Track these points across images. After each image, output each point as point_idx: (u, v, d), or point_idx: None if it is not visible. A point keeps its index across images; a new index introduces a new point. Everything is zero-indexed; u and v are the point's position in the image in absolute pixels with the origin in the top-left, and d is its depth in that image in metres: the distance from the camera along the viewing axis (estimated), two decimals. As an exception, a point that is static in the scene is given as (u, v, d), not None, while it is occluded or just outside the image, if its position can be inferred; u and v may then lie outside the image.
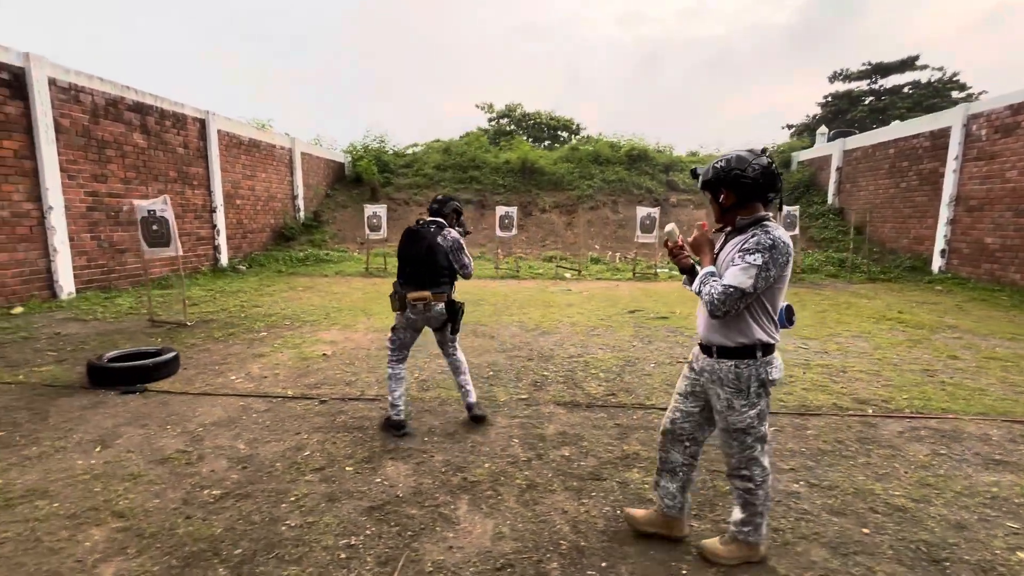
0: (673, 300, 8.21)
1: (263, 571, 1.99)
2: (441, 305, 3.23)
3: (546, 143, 29.64)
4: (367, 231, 11.15)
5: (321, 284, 9.73)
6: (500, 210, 10.96)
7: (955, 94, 29.78)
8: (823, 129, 17.86)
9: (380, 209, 11.16)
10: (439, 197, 3.43)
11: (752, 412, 1.88)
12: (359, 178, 17.07)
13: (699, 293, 1.85)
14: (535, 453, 2.98)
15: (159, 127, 9.65)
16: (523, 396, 3.90)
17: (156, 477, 2.69)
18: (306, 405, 3.72)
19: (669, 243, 2.01)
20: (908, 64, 31.03)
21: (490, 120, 33.05)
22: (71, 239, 7.85)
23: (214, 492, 2.55)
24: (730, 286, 1.74)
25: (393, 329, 3.34)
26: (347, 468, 2.80)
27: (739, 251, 1.77)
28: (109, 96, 8.55)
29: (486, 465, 2.83)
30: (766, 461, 1.97)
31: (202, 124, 10.79)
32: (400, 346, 3.34)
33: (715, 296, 1.76)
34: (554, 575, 1.99)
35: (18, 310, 6.86)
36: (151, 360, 4.21)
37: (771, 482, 2.01)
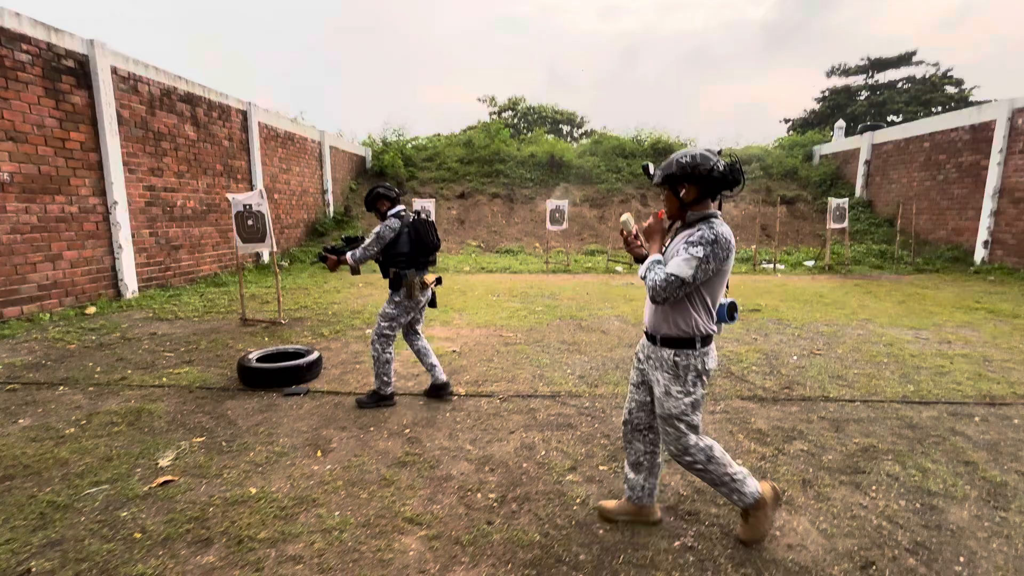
0: (745, 294, 8.25)
1: (622, 576, 1.91)
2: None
3: (549, 137, 29.53)
4: (415, 226, 10.94)
5: (378, 280, 9.53)
6: (550, 203, 10.86)
7: (950, 89, 30.56)
8: (840, 123, 18.12)
9: (428, 204, 10.97)
10: (396, 191, 3.63)
11: (687, 400, 1.98)
12: (382, 172, 16.77)
13: (644, 278, 1.95)
14: (772, 449, 2.95)
15: (207, 119, 9.31)
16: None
17: (412, 481, 2.58)
18: (489, 403, 3.62)
19: (624, 232, 2.13)
20: (905, 60, 31.69)
21: (491, 113, 32.85)
22: (132, 235, 7.53)
23: (489, 495, 2.46)
24: (672, 274, 1.85)
25: (394, 319, 3.48)
26: (601, 467, 2.72)
27: (685, 243, 1.88)
28: (163, 86, 8.21)
29: (746, 461, 2.79)
30: (704, 442, 2.03)
31: (244, 116, 10.45)
32: (396, 330, 3.54)
33: (657, 283, 1.87)
34: (921, 571, 1.96)
35: (91, 310, 6.56)
36: (304, 361, 4.05)
37: (720, 451, 2.04)
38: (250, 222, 5.93)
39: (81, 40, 6.74)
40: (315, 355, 4.20)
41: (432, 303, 3.71)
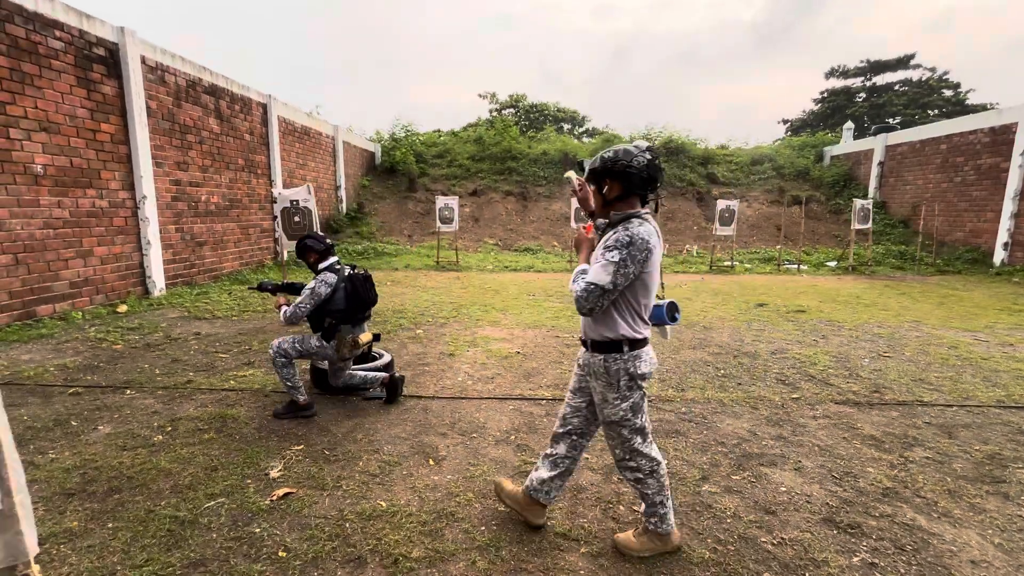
0: (781, 294, 8.23)
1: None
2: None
3: (561, 135, 29.39)
4: (438, 223, 10.78)
5: (404, 279, 9.37)
6: (574, 202, 10.74)
7: (947, 93, 30.98)
8: (849, 124, 18.26)
9: (452, 201, 10.81)
10: (327, 242, 3.42)
11: (624, 405, 1.93)
12: (392, 168, 16.55)
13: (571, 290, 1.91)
14: (895, 456, 2.88)
15: (230, 111, 9.05)
16: (794, 395, 3.78)
17: (603, 494, 2.46)
18: (582, 408, 3.51)
19: (571, 188, 2.17)
20: (903, 63, 32.07)
21: (492, 110, 32.65)
22: (159, 231, 7.29)
23: (632, 507, 2.35)
24: (591, 283, 1.80)
25: (304, 353, 3.30)
26: (734, 477, 2.63)
27: (603, 248, 1.82)
28: (189, 77, 7.95)
29: (877, 469, 2.70)
30: (652, 451, 2.00)
31: (265, 109, 10.19)
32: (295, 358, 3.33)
33: (579, 293, 1.82)
34: (1120, 588, 1.89)
35: (123, 308, 6.33)
36: (382, 363, 3.91)
37: (663, 473, 2.01)
38: (297, 218, 5.75)
39: (112, 27, 6.48)
40: (388, 358, 4.05)
41: (366, 359, 3.74)
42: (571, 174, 2.18)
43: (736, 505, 2.38)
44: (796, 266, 11.16)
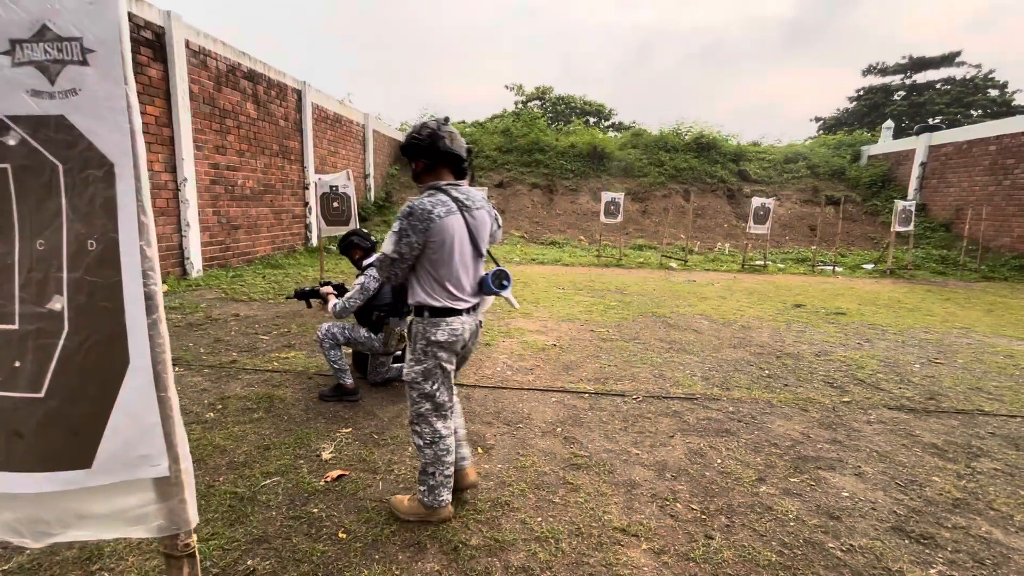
0: (819, 296, 8.02)
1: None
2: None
3: (590, 128, 29.12)
4: (466, 214, 10.76)
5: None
6: (606, 196, 10.62)
7: (992, 92, 29.71)
8: (888, 123, 17.65)
9: (481, 191, 10.77)
10: (371, 240, 3.51)
11: (417, 368, 2.00)
12: (420, 158, 16.57)
13: None
14: (961, 466, 2.76)
15: (267, 97, 9.15)
16: (845, 399, 3.67)
17: (598, 487, 2.42)
18: (625, 403, 3.45)
19: None
20: (947, 60, 30.83)
21: (516, 102, 32.43)
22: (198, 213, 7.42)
23: (690, 506, 2.30)
24: (382, 253, 1.95)
25: (352, 341, 3.35)
26: (792, 479, 2.55)
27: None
28: (229, 62, 8.05)
29: (944, 479, 2.60)
30: (439, 425, 2.04)
31: (299, 96, 10.28)
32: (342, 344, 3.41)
33: (377, 263, 2.00)
34: None
35: (164, 288, 6.46)
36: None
37: (444, 449, 2.05)
38: (335, 204, 5.78)
39: (159, 11, 6.58)
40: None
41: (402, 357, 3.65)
42: None
43: (798, 508, 2.31)
44: (831, 267, 10.86)
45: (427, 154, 1.94)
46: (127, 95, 0.74)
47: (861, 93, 34.04)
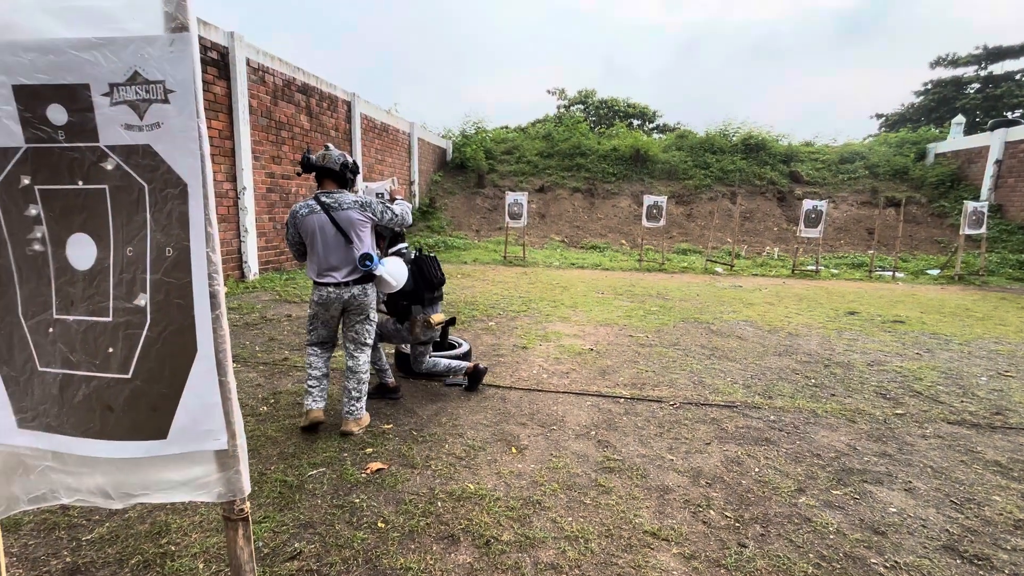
0: (874, 303, 7.60)
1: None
2: None
3: (632, 131, 28.77)
4: (507, 219, 10.91)
5: (473, 272, 9.57)
6: (648, 199, 10.50)
7: (1082, 82, 27.10)
8: (959, 119, 16.46)
9: (521, 197, 10.90)
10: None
11: (309, 312, 3.02)
12: (462, 164, 16.90)
13: None
14: (1026, 485, 2.58)
15: (319, 109, 9.63)
16: (898, 411, 3.49)
17: (630, 490, 2.43)
18: (662, 409, 3.43)
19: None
20: (1029, 48, 28.38)
21: (559, 106, 32.42)
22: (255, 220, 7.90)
23: (724, 513, 2.27)
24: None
25: (385, 335, 3.56)
26: (835, 492, 2.47)
27: None
28: (285, 77, 8.54)
29: (1006, 499, 2.45)
30: (310, 351, 3.03)
31: (348, 107, 10.75)
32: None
33: None
34: None
35: (224, 289, 6.92)
36: (462, 351, 4.03)
37: (308, 372, 2.97)
38: (380, 210, 6.02)
39: (224, 33, 7.09)
40: (467, 347, 4.16)
41: (441, 342, 3.72)
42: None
43: (839, 521, 2.23)
44: (891, 273, 10.25)
45: (307, 170, 2.79)
46: (199, 127, 0.88)
47: (929, 87, 31.89)
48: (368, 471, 2.53)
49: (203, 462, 0.99)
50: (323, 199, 2.75)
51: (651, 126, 32.23)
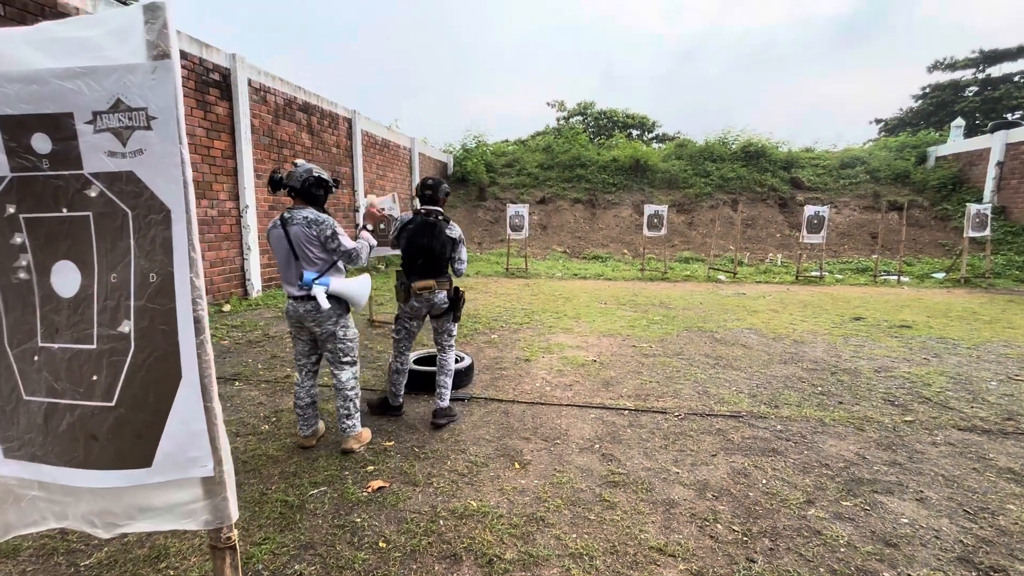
0: (881, 308, 7.54)
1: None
2: (444, 293, 3.26)
3: (632, 141, 28.89)
4: (509, 231, 10.94)
5: (476, 284, 9.57)
6: (648, 208, 10.51)
7: (1081, 82, 27.11)
8: (959, 122, 16.47)
9: (522, 209, 10.94)
10: (430, 181, 3.32)
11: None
12: (464, 178, 17.00)
13: None
14: (1041, 492, 2.52)
15: (320, 126, 9.73)
16: (907, 418, 3.44)
17: (635, 505, 2.39)
18: (666, 420, 3.39)
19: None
20: (1025, 51, 28.47)
21: (558, 118, 32.67)
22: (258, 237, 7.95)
23: (731, 527, 2.23)
24: None
25: (397, 319, 3.37)
26: (844, 503, 2.42)
27: None
28: (286, 96, 8.65)
29: (1021, 508, 2.39)
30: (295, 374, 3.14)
31: (349, 124, 10.86)
32: (406, 336, 3.37)
33: None
34: None
35: (227, 307, 6.95)
36: (463, 366, 4.00)
37: (295, 393, 2.97)
38: (382, 225, 6.04)
39: (225, 55, 7.20)
40: (469, 360, 4.14)
41: (454, 315, 3.30)
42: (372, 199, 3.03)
43: (849, 534, 2.19)
44: (896, 277, 10.18)
45: (274, 188, 2.76)
46: (181, 152, 0.88)
47: (927, 91, 31.98)
48: (369, 489, 2.50)
49: (189, 488, 0.97)
50: (284, 214, 2.77)
51: (650, 136, 32.37)
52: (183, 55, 6.47)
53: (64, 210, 0.92)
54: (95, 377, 0.96)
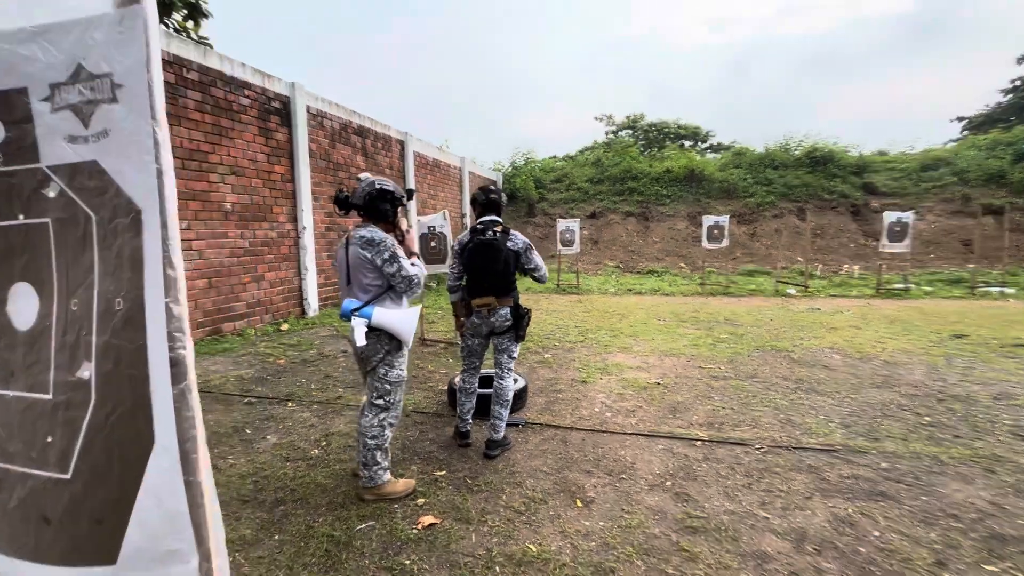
0: (982, 322, 6.66)
1: None
2: (506, 310, 3.01)
3: (685, 151, 28.06)
4: (559, 246, 10.72)
5: (527, 301, 9.22)
6: (707, 220, 9.98)
7: None
8: (1062, 114, 14.72)
9: (573, 224, 10.70)
10: (492, 187, 3.15)
11: None
12: (513, 195, 17.00)
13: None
14: None
15: (374, 149, 9.98)
16: (1048, 457, 2.88)
17: (719, 556, 2.06)
18: (747, 454, 3.01)
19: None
20: None
21: (607, 132, 32.28)
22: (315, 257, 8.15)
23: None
24: None
25: (462, 335, 3.21)
26: (987, 567, 1.98)
27: None
28: (342, 120, 8.93)
29: None
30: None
31: (402, 146, 11.10)
32: (469, 354, 3.19)
33: None
34: None
35: (285, 327, 7.11)
36: (516, 388, 3.78)
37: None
38: (433, 243, 5.99)
39: (285, 83, 7.52)
40: (523, 382, 3.92)
41: (517, 335, 3.08)
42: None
43: (1002, 610, 1.76)
44: (998, 289, 9.05)
45: (342, 208, 2.54)
46: (154, 131, 0.67)
47: (1017, 84, 29.12)
48: (419, 526, 2.31)
49: (166, 593, 0.73)
50: (350, 232, 2.55)
51: (704, 146, 31.35)
52: (248, 85, 6.80)
53: (21, 216, 0.74)
54: (49, 438, 0.74)
